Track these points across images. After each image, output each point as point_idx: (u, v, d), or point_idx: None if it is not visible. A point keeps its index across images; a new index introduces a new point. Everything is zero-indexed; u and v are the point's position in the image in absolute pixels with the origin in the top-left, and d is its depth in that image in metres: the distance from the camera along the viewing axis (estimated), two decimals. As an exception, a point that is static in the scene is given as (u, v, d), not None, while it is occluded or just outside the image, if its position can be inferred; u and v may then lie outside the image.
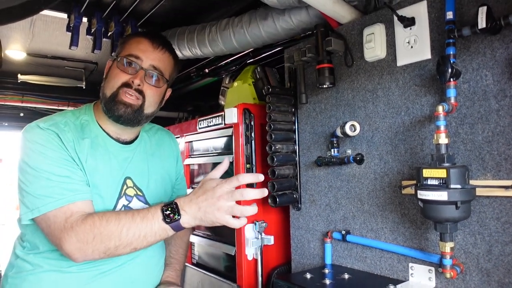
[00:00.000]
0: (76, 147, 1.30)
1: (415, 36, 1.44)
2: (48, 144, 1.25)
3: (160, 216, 1.17)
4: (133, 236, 1.16)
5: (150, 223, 1.17)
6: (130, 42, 1.40)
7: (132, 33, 1.38)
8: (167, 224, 1.16)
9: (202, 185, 1.19)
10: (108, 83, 1.37)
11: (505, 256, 1.21)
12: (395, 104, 1.53)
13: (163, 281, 1.52)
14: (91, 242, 1.15)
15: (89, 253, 1.17)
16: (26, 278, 1.31)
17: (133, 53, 1.36)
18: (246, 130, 2.15)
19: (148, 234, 1.17)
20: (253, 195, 1.15)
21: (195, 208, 1.16)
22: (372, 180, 1.60)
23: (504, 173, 1.22)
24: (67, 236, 1.16)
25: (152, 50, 1.38)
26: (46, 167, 1.22)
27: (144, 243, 1.18)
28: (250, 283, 2.10)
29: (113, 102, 1.33)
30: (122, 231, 1.15)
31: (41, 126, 1.28)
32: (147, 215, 1.18)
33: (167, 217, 1.16)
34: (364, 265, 1.63)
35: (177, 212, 1.16)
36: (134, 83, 1.34)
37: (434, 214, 1.23)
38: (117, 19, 2.48)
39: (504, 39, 1.22)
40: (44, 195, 1.20)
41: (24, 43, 3.06)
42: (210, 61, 3.08)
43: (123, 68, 1.35)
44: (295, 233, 1.98)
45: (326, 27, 1.71)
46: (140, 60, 1.35)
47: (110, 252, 1.17)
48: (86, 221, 1.17)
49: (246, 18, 2.16)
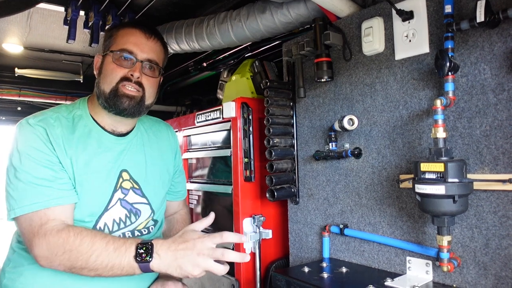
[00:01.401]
0: (65, 143, 1.29)
1: (413, 29, 1.43)
2: (34, 143, 1.24)
3: (132, 252, 1.15)
4: (101, 264, 1.15)
5: (121, 256, 1.15)
6: (121, 35, 1.38)
7: (118, 23, 1.36)
8: (137, 263, 1.15)
9: (183, 234, 1.19)
10: (105, 79, 1.35)
11: (502, 249, 1.22)
12: (393, 98, 1.52)
13: (161, 274, 1.52)
14: (60, 256, 1.15)
15: (55, 265, 1.17)
16: (23, 273, 1.32)
17: (127, 47, 1.35)
18: (244, 124, 2.14)
19: (115, 266, 1.15)
20: (233, 257, 1.15)
21: (171, 257, 1.15)
22: (370, 174, 1.60)
23: (502, 167, 1.22)
24: (38, 242, 1.16)
25: (145, 42, 1.38)
26: (27, 169, 1.22)
27: (110, 273, 1.16)
28: (248, 277, 2.11)
29: (115, 97, 1.33)
30: (91, 256, 1.14)
31: (30, 122, 1.28)
32: (121, 247, 1.16)
33: (138, 256, 1.15)
34: (362, 258, 1.64)
35: (150, 254, 1.15)
36: (133, 76, 1.33)
37: (431, 208, 1.23)
38: (115, 12, 2.46)
39: (502, 32, 1.22)
40: (21, 197, 1.20)
41: (21, 37, 3.04)
42: (208, 55, 3.07)
43: (119, 63, 1.34)
44: (293, 227, 1.99)
45: (325, 21, 1.71)
46: (135, 53, 1.35)
47: (75, 271, 1.17)
48: (60, 234, 1.17)
49: (244, 12, 2.15)
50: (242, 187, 2.13)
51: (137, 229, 1.42)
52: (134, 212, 1.41)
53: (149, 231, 1.47)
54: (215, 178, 2.53)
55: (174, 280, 1.47)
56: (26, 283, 1.30)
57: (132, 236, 1.41)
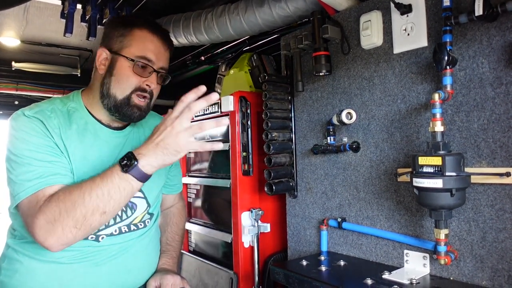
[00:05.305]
0: (63, 134, 1.28)
1: (411, 23, 1.43)
2: (32, 131, 1.23)
3: (118, 168, 1.14)
4: (97, 197, 1.12)
5: (110, 178, 1.14)
6: (139, 38, 1.33)
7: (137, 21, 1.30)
8: (127, 173, 1.13)
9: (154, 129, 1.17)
10: (119, 84, 1.32)
11: (498, 242, 1.23)
12: (391, 92, 1.52)
13: (159, 268, 1.53)
14: (58, 219, 1.11)
15: (60, 232, 1.12)
16: (18, 270, 1.30)
17: (147, 55, 1.32)
18: (243, 118, 2.14)
19: (111, 190, 1.13)
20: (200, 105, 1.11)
21: (152, 147, 1.13)
22: (368, 168, 1.61)
23: (499, 160, 1.22)
24: (36, 220, 1.13)
25: (164, 52, 1.37)
26: (28, 153, 1.21)
27: (111, 203, 1.14)
28: (246, 271, 2.12)
29: (127, 106, 1.32)
30: (85, 195, 1.12)
31: (26, 114, 1.26)
32: (106, 172, 1.15)
33: (124, 167, 1.13)
34: (360, 252, 1.65)
35: (133, 158, 1.13)
36: (150, 87, 1.34)
37: (429, 201, 1.24)
38: (112, 5, 2.45)
39: (500, 26, 1.22)
40: (24, 179, 1.18)
41: (18, 30, 3.03)
42: (206, 48, 3.05)
43: (137, 71, 1.31)
44: (291, 220, 2.00)
45: (323, 14, 1.70)
46: (153, 63, 1.33)
47: (81, 224, 1.13)
48: (51, 198, 1.15)
49: (242, 5, 2.14)
50: (241, 181, 2.14)
51: (133, 223, 1.42)
52: (130, 206, 1.40)
53: (145, 225, 1.46)
54: (213, 172, 2.53)
55: (173, 273, 1.48)
56: (22, 280, 1.29)
57: (128, 230, 1.39)
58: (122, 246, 1.37)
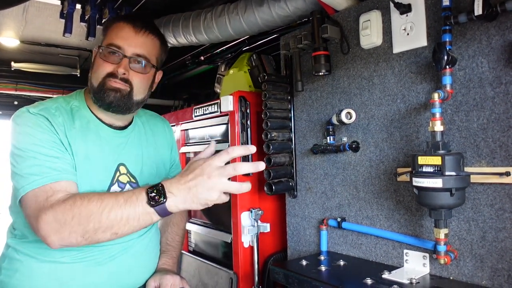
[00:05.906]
0: (67, 132, 1.28)
1: (411, 23, 1.43)
2: (38, 127, 1.23)
3: (144, 198, 1.08)
4: (115, 219, 1.08)
5: (133, 205, 1.09)
6: (112, 28, 1.36)
7: (114, 17, 1.31)
8: (152, 207, 1.08)
9: (189, 166, 1.11)
10: (94, 73, 1.35)
11: (498, 242, 1.23)
12: (391, 91, 1.52)
13: (159, 268, 1.53)
14: (69, 223, 1.07)
15: (66, 235, 1.09)
16: (18, 269, 1.30)
17: (114, 41, 1.33)
18: (242, 118, 2.14)
19: (130, 217, 1.09)
20: (246, 168, 1.06)
21: (184, 190, 1.07)
22: (368, 167, 1.61)
23: (499, 160, 1.22)
24: (44, 216, 1.09)
25: (134, 36, 1.34)
26: (34, 148, 1.20)
27: (126, 227, 1.10)
28: (246, 270, 2.12)
29: (101, 91, 1.32)
30: (103, 212, 1.08)
31: (31, 111, 1.26)
32: (131, 197, 1.10)
33: (151, 200, 1.08)
34: (360, 251, 1.65)
35: (163, 195, 1.07)
36: (118, 72, 1.31)
37: (429, 201, 1.24)
38: (111, 5, 2.44)
39: (500, 26, 1.22)
40: (30, 173, 1.17)
41: (17, 30, 3.02)
42: (206, 48, 3.05)
43: (106, 58, 1.33)
44: (291, 220, 1.99)
45: (322, 14, 1.70)
46: (122, 48, 1.32)
47: (89, 236, 1.09)
48: (67, 200, 1.11)
49: (241, 5, 2.14)
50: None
51: None
52: None
53: None
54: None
55: (172, 274, 1.48)
56: (22, 280, 1.29)
57: None
58: (122, 246, 1.37)
